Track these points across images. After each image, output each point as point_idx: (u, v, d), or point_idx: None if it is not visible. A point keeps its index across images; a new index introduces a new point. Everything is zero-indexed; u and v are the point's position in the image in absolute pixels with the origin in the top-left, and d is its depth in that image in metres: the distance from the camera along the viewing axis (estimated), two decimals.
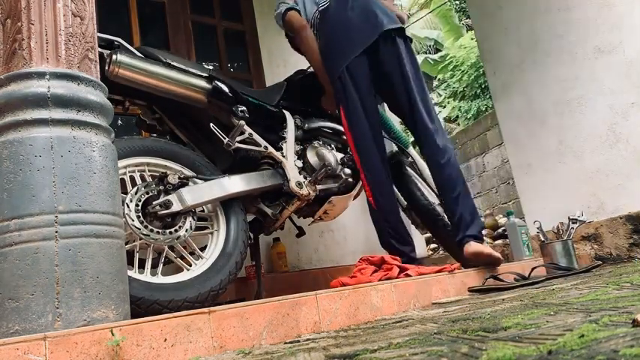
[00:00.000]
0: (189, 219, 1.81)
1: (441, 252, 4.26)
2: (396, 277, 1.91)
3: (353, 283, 1.81)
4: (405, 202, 2.76)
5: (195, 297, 1.65)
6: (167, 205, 1.74)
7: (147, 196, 1.75)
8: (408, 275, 1.90)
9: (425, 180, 2.78)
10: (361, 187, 2.45)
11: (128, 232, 1.65)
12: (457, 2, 12.56)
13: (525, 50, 3.32)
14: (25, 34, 1.23)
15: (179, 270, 1.78)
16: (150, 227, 1.70)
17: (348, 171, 2.39)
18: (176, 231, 1.76)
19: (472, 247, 2.05)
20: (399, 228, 2.26)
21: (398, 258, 2.03)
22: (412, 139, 2.51)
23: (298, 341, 1.21)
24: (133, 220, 1.67)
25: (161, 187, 1.78)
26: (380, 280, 1.85)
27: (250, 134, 2.06)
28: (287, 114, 2.31)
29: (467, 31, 12.07)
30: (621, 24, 2.90)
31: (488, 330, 0.92)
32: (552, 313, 1.03)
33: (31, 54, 1.22)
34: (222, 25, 3.72)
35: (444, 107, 12.00)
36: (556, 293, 1.51)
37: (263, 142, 2.10)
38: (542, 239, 2.35)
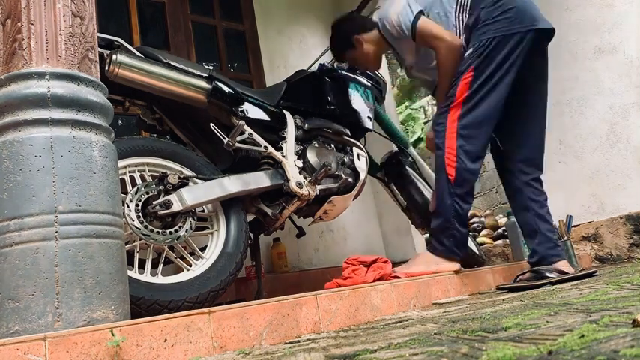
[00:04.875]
0: (190, 219, 1.81)
1: None
2: (389, 275, 1.92)
3: (349, 284, 1.81)
4: (405, 203, 2.76)
5: (195, 297, 1.65)
6: (167, 205, 1.74)
7: (147, 196, 1.75)
8: (397, 277, 1.90)
9: (425, 180, 2.78)
10: (361, 186, 2.45)
11: (128, 232, 1.65)
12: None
13: None
14: (25, 34, 1.23)
15: (179, 270, 1.78)
16: (150, 227, 1.70)
17: (348, 171, 2.39)
18: (176, 231, 1.76)
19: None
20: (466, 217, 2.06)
21: (389, 260, 2.04)
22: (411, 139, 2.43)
23: (298, 341, 1.21)
24: (133, 220, 1.67)
25: (161, 187, 1.78)
26: (374, 279, 1.85)
27: (250, 134, 2.06)
28: (287, 114, 2.31)
29: None
30: (621, 24, 2.90)
31: (488, 330, 0.92)
32: (552, 313, 1.03)
33: (31, 54, 1.22)
34: (222, 25, 3.72)
35: None
36: (556, 293, 1.51)
37: (263, 142, 2.10)
38: None
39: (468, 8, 2.14)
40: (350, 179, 2.37)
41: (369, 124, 2.56)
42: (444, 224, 2.03)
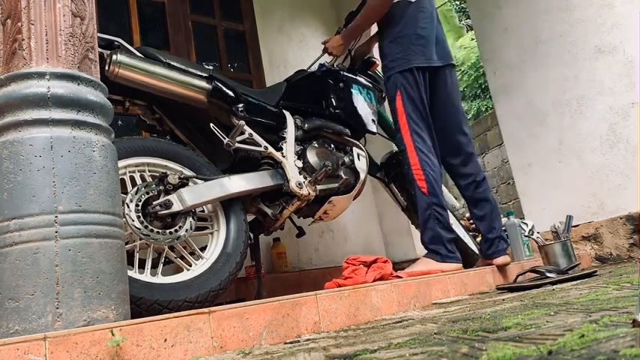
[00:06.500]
0: (190, 219, 1.81)
1: None
2: (389, 275, 1.92)
3: (349, 284, 1.81)
4: (405, 203, 2.76)
5: (195, 297, 1.65)
6: (167, 205, 1.74)
7: (147, 196, 1.75)
8: (398, 277, 1.90)
9: None
10: (361, 186, 2.45)
11: (128, 232, 1.65)
12: (457, 3, 12.55)
13: (525, 50, 3.32)
14: (25, 34, 1.23)
15: (179, 270, 1.78)
16: (150, 227, 1.70)
17: (348, 171, 2.39)
18: (176, 231, 1.76)
19: (506, 258, 2.36)
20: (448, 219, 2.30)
21: (389, 260, 2.04)
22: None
23: (298, 341, 1.21)
24: (133, 220, 1.67)
25: (161, 188, 1.78)
26: (375, 279, 1.85)
27: (250, 134, 2.06)
28: (287, 114, 2.31)
29: (467, 32, 12.06)
30: (621, 24, 2.90)
31: (488, 330, 0.92)
32: (552, 313, 1.03)
33: (31, 54, 1.22)
34: (222, 25, 3.72)
35: None
36: (556, 293, 1.51)
37: (263, 142, 2.10)
38: (539, 243, 2.37)
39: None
40: (350, 179, 2.37)
41: (373, 127, 2.56)
42: (431, 234, 2.21)
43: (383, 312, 1.59)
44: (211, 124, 2.00)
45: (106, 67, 1.79)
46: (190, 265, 1.78)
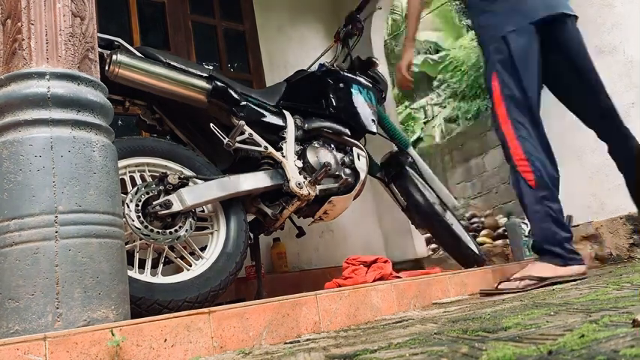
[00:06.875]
0: (190, 219, 1.81)
1: (441, 252, 4.26)
2: (389, 275, 1.92)
3: (349, 284, 1.81)
4: (405, 203, 2.76)
5: (195, 297, 1.65)
6: (167, 205, 1.74)
7: (147, 196, 1.75)
8: (399, 277, 1.90)
9: (425, 180, 2.78)
10: (361, 186, 2.45)
11: (128, 232, 1.65)
12: (457, 3, 12.55)
13: None
14: (25, 34, 1.23)
15: (179, 270, 1.78)
16: (150, 227, 1.70)
17: (348, 171, 2.39)
18: (176, 231, 1.76)
19: None
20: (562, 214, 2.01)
21: (389, 260, 2.03)
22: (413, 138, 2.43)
23: (298, 341, 1.21)
24: (133, 220, 1.67)
25: (161, 188, 1.78)
26: (375, 279, 1.85)
27: (250, 134, 2.06)
28: (287, 114, 2.31)
29: (467, 32, 12.07)
30: (621, 24, 2.90)
31: (488, 330, 0.92)
32: (552, 313, 1.03)
33: (31, 54, 1.22)
34: (222, 25, 3.72)
35: (444, 107, 12.00)
36: (556, 293, 1.51)
37: (263, 142, 2.10)
38: None
39: None
40: (350, 179, 2.36)
41: (373, 128, 2.56)
42: (546, 233, 1.94)
43: (383, 312, 1.59)
44: (211, 124, 2.00)
45: (106, 67, 1.79)
46: (190, 265, 1.78)
